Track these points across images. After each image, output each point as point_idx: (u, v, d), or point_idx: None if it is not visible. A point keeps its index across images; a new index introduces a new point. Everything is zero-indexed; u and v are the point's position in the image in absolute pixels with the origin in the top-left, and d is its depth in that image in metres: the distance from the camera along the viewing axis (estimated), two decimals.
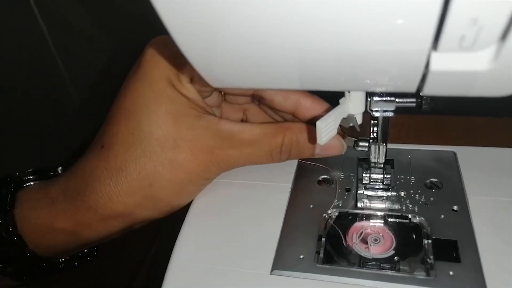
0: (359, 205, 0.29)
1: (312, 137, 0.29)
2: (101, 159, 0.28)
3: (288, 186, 0.31)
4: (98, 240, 0.30)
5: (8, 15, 0.57)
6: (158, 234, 0.36)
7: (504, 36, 0.15)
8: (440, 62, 0.16)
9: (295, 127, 0.29)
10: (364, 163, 0.31)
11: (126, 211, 0.28)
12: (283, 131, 0.29)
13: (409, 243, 0.26)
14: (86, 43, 0.59)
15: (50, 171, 0.33)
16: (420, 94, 0.19)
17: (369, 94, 0.24)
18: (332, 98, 0.29)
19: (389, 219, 0.28)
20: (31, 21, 0.57)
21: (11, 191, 0.30)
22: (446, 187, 0.29)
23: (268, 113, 0.34)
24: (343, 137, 0.31)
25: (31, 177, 0.32)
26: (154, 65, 0.27)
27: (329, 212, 0.29)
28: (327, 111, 0.27)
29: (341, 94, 0.26)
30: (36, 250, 0.29)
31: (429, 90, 0.18)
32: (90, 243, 0.31)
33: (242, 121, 0.34)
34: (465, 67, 0.16)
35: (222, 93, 0.32)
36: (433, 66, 0.16)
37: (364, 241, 0.27)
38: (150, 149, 0.27)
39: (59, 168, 0.33)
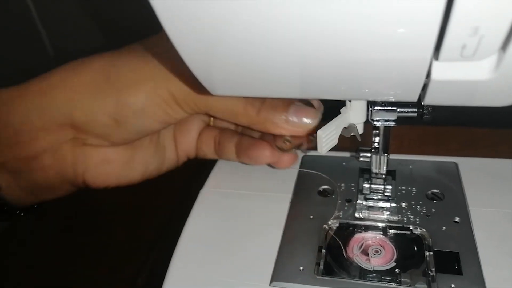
0: (357, 215, 0.29)
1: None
2: None
3: (288, 196, 0.30)
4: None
5: (5, 15, 0.57)
6: (155, 246, 0.36)
7: (504, 46, 0.15)
8: (442, 71, 0.16)
9: None
10: (366, 173, 0.30)
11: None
12: None
13: (410, 255, 0.26)
14: (85, 44, 0.60)
15: None
16: (422, 103, 0.19)
17: (370, 104, 0.24)
18: (334, 108, 0.29)
19: (390, 231, 0.28)
20: (29, 21, 0.57)
21: None
22: (448, 199, 0.29)
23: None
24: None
25: None
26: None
27: (329, 223, 0.28)
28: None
29: (342, 103, 0.26)
30: None
31: (430, 99, 0.18)
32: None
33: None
34: (466, 77, 0.16)
35: None
36: (435, 75, 0.17)
37: (365, 252, 0.26)
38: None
39: None
